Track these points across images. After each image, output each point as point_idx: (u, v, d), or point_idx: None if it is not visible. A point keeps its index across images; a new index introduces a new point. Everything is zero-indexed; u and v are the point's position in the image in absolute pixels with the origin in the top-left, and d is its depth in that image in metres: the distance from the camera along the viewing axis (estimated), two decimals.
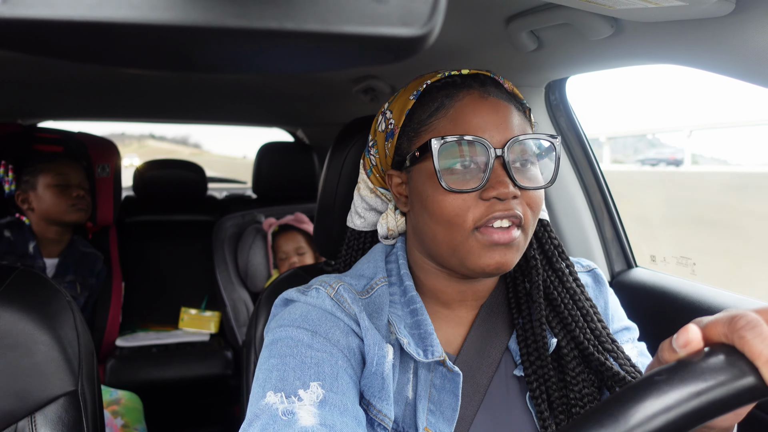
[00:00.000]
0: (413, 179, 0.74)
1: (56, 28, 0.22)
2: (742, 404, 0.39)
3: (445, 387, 0.71)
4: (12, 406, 0.79)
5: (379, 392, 0.67)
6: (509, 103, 0.72)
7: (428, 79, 0.76)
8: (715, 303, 1.14)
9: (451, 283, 0.76)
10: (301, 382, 0.62)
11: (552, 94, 1.43)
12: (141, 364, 2.15)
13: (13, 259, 1.89)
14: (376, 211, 0.86)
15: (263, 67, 0.29)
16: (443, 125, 0.71)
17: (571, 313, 0.77)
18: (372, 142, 0.83)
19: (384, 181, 0.83)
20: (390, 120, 0.78)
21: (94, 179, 2.17)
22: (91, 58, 0.27)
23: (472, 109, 0.70)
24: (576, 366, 0.75)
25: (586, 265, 0.89)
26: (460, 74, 0.75)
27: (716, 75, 0.89)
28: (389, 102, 0.81)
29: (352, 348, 0.69)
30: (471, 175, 0.68)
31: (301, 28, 0.24)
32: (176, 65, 0.28)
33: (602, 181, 1.46)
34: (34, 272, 0.90)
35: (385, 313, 0.73)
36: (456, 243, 0.69)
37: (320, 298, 0.72)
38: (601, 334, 0.76)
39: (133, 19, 0.22)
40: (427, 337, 0.71)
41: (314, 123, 2.88)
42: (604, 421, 0.39)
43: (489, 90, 0.72)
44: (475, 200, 0.68)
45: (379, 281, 0.76)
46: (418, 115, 0.74)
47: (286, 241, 2.28)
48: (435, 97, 0.73)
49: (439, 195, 0.69)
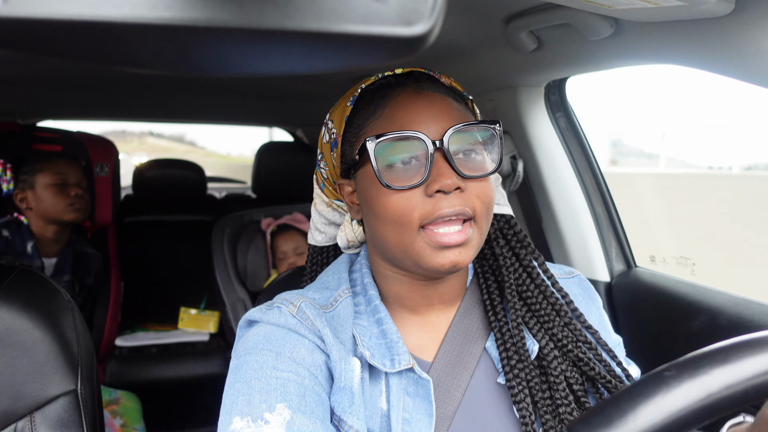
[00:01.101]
0: (359, 184, 0.73)
1: (56, 27, 0.22)
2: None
3: (418, 393, 0.70)
4: (11, 405, 0.79)
5: (349, 407, 0.66)
6: (446, 95, 0.72)
7: (363, 83, 0.76)
8: (714, 303, 1.14)
9: (414, 288, 0.75)
10: (267, 404, 0.61)
11: (552, 94, 1.43)
12: (140, 364, 2.15)
13: (11, 258, 1.89)
14: (335, 225, 0.85)
15: (263, 67, 0.29)
16: (380, 125, 0.70)
17: (545, 311, 0.76)
18: (320, 156, 0.81)
19: (337, 192, 0.81)
20: (332, 130, 0.77)
21: (92, 179, 2.17)
22: (91, 57, 0.27)
23: (406, 105, 0.69)
24: (558, 365, 0.74)
25: (568, 271, 0.87)
26: (394, 74, 0.75)
27: (715, 75, 0.89)
28: (330, 112, 0.80)
29: (319, 365, 0.67)
30: (413, 171, 0.67)
31: (301, 28, 0.24)
32: (176, 65, 0.28)
33: (602, 181, 1.46)
34: (34, 272, 0.90)
35: (350, 325, 0.72)
36: (406, 243, 0.67)
37: (282, 316, 0.70)
38: (575, 328, 0.76)
39: (132, 18, 0.22)
40: (393, 346, 0.70)
41: (314, 122, 2.88)
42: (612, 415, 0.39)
43: (423, 85, 0.71)
44: (421, 197, 0.66)
45: (342, 293, 0.75)
46: (357, 120, 0.73)
47: (284, 241, 2.28)
48: (371, 99, 0.73)
49: (383, 195, 0.67)
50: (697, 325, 1.14)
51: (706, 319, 1.13)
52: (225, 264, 2.34)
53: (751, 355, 0.41)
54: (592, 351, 0.76)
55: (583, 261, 1.47)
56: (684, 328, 1.17)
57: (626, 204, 1.78)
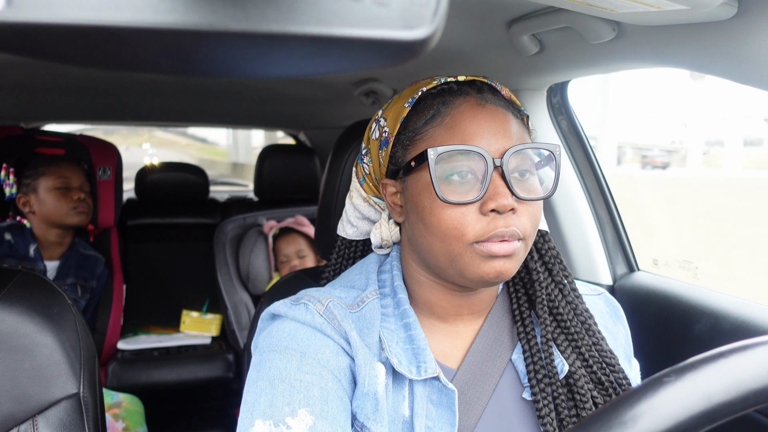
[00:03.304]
0: (409, 189, 0.71)
1: (59, 32, 0.22)
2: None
3: (442, 402, 0.69)
4: (14, 408, 0.79)
5: (373, 413, 0.65)
6: (507, 110, 0.71)
7: (424, 86, 0.74)
8: (718, 307, 1.14)
9: (446, 296, 0.74)
10: (290, 408, 0.61)
11: (554, 97, 1.43)
12: (142, 367, 2.15)
13: (13, 262, 1.89)
14: (369, 221, 0.84)
15: (265, 70, 0.29)
16: (439, 133, 0.68)
17: (576, 329, 0.76)
18: (365, 150, 0.80)
19: (377, 190, 0.80)
20: (384, 128, 0.75)
21: (95, 182, 2.17)
22: (94, 61, 0.27)
23: (468, 116, 0.68)
24: (585, 384, 0.73)
25: (593, 288, 0.87)
26: (457, 81, 0.73)
27: (718, 78, 0.89)
28: (383, 109, 0.78)
29: (343, 368, 0.67)
30: (469, 186, 0.66)
31: (304, 32, 0.24)
32: (179, 69, 0.28)
33: (604, 184, 1.46)
34: (36, 275, 0.90)
35: (376, 329, 0.70)
36: (454, 254, 0.67)
37: (309, 314, 0.69)
38: (602, 349, 0.75)
39: (135, 22, 0.22)
40: (420, 353, 0.69)
41: (316, 126, 2.88)
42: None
43: (486, 97, 0.70)
44: (475, 214, 0.66)
45: (370, 294, 0.73)
46: (413, 123, 0.71)
47: (286, 244, 2.28)
48: (431, 104, 0.71)
49: (437, 207, 0.66)
50: (700, 328, 1.14)
51: (709, 322, 1.13)
52: (227, 267, 2.34)
53: (751, 359, 0.41)
54: (615, 374, 0.75)
55: (586, 264, 1.47)
56: (687, 332, 1.17)
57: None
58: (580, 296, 0.79)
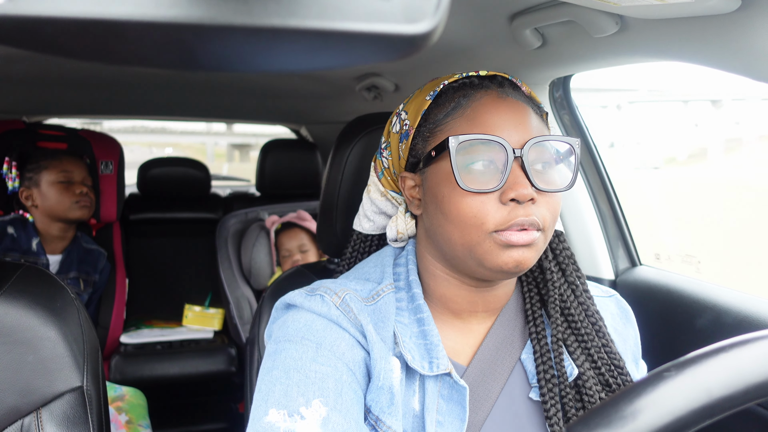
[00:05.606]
0: (428, 180, 0.72)
1: (61, 26, 0.22)
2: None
3: (452, 397, 0.69)
4: (18, 401, 0.80)
5: (388, 407, 0.65)
6: (527, 104, 0.71)
7: (445, 80, 0.75)
8: (720, 301, 1.14)
9: (461, 291, 0.74)
10: (305, 399, 0.61)
11: (556, 92, 1.43)
12: (145, 361, 2.16)
13: (16, 255, 1.89)
14: (386, 215, 0.84)
15: (267, 65, 0.29)
16: (460, 125, 0.69)
17: (586, 331, 0.76)
18: (385, 144, 0.81)
19: (395, 184, 0.81)
20: (405, 121, 0.76)
21: (97, 176, 2.17)
22: (96, 55, 0.27)
23: (489, 108, 0.69)
24: (593, 385, 0.73)
25: (604, 290, 0.87)
26: (478, 75, 0.74)
27: (721, 72, 0.89)
28: (404, 103, 0.79)
29: (358, 361, 0.67)
30: (489, 175, 0.66)
31: (305, 26, 0.24)
32: (180, 63, 0.28)
33: (606, 178, 1.46)
34: (40, 269, 0.90)
35: (391, 323, 0.70)
36: (472, 244, 0.67)
37: (325, 306, 0.69)
38: (611, 351, 0.76)
39: (137, 16, 0.22)
40: (433, 349, 0.69)
41: (318, 120, 2.88)
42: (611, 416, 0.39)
43: (507, 91, 0.71)
44: (495, 203, 0.66)
45: (386, 287, 0.74)
46: (434, 116, 0.72)
47: (288, 239, 2.29)
48: (452, 97, 0.72)
49: (456, 196, 0.67)
50: (702, 322, 1.14)
51: (711, 316, 1.13)
52: (229, 261, 2.35)
53: (751, 354, 0.41)
54: (622, 377, 0.76)
55: (588, 258, 1.47)
56: (689, 326, 1.17)
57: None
58: (592, 297, 0.79)
